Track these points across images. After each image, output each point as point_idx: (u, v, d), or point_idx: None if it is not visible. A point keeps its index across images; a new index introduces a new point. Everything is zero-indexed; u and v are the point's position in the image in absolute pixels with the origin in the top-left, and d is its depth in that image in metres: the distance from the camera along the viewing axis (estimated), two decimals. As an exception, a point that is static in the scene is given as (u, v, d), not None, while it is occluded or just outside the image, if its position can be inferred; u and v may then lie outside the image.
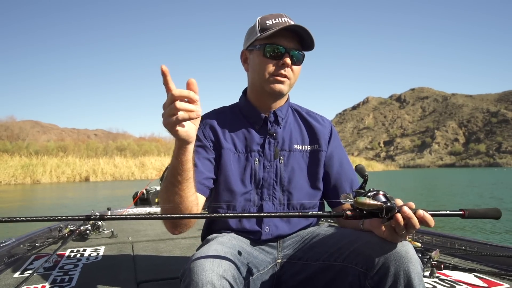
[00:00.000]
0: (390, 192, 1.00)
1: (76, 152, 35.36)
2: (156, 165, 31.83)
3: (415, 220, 0.94)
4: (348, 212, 0.94)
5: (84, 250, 2.39)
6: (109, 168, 30.76)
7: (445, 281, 1.71)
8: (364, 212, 0.94)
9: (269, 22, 1.29)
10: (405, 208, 0.94)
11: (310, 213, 0.96)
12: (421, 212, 0.95)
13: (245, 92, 1.44)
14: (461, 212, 0.99)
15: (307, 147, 1.40)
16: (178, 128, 0.92)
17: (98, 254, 2.30)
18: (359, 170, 1.15)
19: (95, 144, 42.38)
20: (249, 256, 1.20)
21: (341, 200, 0.96)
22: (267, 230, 1.32)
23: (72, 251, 2.36)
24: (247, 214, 1.30)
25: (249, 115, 1.38)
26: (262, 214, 1.26)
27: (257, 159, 1.33)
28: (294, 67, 1.30)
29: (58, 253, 2.23)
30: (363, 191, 1.01)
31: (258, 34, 1.29)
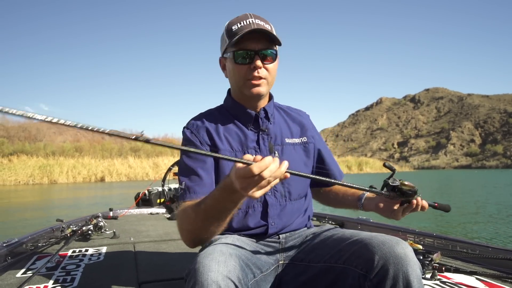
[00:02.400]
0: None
1: (92, 153, 35.86)
2: (169, 165, 32.02)
3: (424, 206, 1.27)
4: (387, 192, 1.23)
5: (86, 251, 2.40)
6: (124, 168, 31.18)
7: (447, 283, 1.71)
8: (400, 191, 1.22)
9: (234, 27, 1.30)
10: (419, 197, 1.26)
11: (355, 186, 1.17)
12: (422, 201, 1.26)
13: (229, 92, 1.46)
14: (434, 204, 1.33)
15: (297, 140, 1.45)
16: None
17: (100, 254, 2.31)
18: (388, 166, 1.30)
19: (109, 145, 42.86)
20: (252, 258, 1.21)
21: (390, 182, 1.22)
22: (272, 224, 1.34)
23: (74, 251, 2.37)
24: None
25: (239, 114, 1.39)
26: None
27: (254, 155, 1.35)
28: (268, 66, 1.32)
29: (60, 253, 2.24)
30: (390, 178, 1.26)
31: (227, 42, 1.31)
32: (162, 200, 4.80)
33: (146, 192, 4.91)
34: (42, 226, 2.88)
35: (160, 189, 4.87)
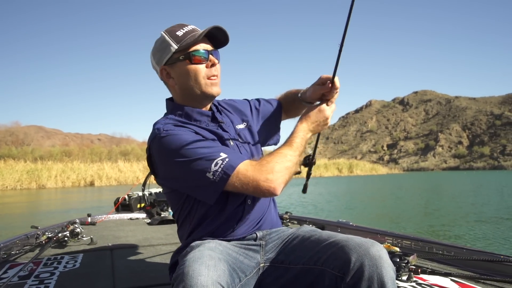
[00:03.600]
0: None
1: (81, 157, 35.54)
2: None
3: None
4: None
5: (62, 258, 2.33)
6: (114, 172, 30.94)
7: (422, 285, 1.74)
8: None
9: (179, 33, 1.33)
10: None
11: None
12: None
13: (171, 101, 1.44)
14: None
15: (243, 126, 1.51)
16: None
17: (76, 261, 2.24)
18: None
19: (99, 149, 42.60)
20: (236, 262, 1.21)
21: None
22: (251, 225, 1.35)
23: (49, 259, 2.29)
24: None
25: (196, 117, 1.38)
26: None
27: (231, 141, 1.39)
28: (218, 65, 1.39)
29: (34, 261, 2.16)
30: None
31: (176, 46, 1.32)
32: (142, 205, 4.69)
33: (126, 197, 4.81)
34: (20, 233, 2.81)
35: (140, 193, 4.74)
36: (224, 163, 1.18)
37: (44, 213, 10.50)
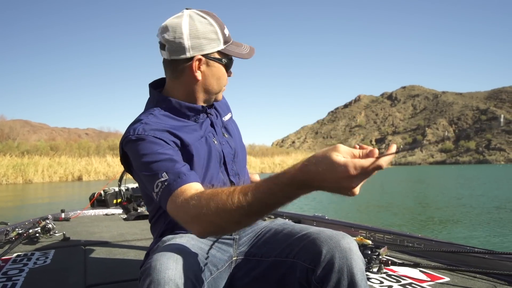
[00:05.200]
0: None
1: (68, 152, 35.10)
2: None
3: None
4: None
5: (32, 254, 2.28)
6: (102, 167, 30.71)
7: (392, 276, 1.80)
8: None
9: (226, 32, 1.27)
10: None
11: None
12: None
13: (155, 90, 1.34)
14: None
15: (228, 117, 1.47)
16: None
17: (47, 258, 2.19)
18: None
19: (87, 144, 41.99)
20: (208, 255, 1.21)
21: None
22: None
23: (18, 256, 2.24)
24: None
25: (185, 111, 1.29)
26: None
27: (214, 139, 1.32)
28: None
29: (2, 258, 2.14)
30: None
31: (223, 46, 1.25)
32: (118, 200, 4.58)
33: (102, 192, 4.69)
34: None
35: (116, 189, 4.61)
36: (163, 186, 1.08)
37: (24, 208, 10.23)
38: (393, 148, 0.82)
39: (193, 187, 1.06)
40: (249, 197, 0.89)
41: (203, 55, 1.24)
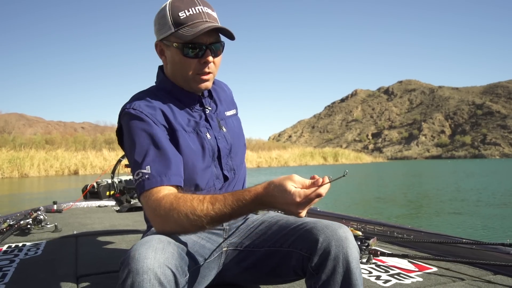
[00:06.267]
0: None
1: (64, 145, 34.95)
2: (119, 156, 31.51)
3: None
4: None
5: (23, 246, 2.27)
6: (98, 161, 30.60)
7: (381, 266, 1.83)
8: None
9: (182, 15, 1.18)
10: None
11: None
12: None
13: (163, 72, 1.34)
14: None
15: (231, 112, 1.44)
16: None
17: (38, 249, 2.18)
18: None
19: (83, 137, 41.84)
20: (194, 246, 1.20)
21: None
22: None
23: (9, 247, 2.23)
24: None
25: (181, 96, 1.30)
26: None
27: (207, 133, 1.29)
28: (215, 59, 1.25)
29: None
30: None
31: (173, 30, 1.19)
32: (111, 192, 4.55)
33: (95, 184, 4.69)
34: None
35: (109, 181, 4.61)
36: (143, 178, 1.12)
37: (17, 201, 10.24)
38: (326, 179, 0.98)
39: (169, 189, 1.11)
40: (216, 207, 1.02)
41: (160, 40, 1.26)
